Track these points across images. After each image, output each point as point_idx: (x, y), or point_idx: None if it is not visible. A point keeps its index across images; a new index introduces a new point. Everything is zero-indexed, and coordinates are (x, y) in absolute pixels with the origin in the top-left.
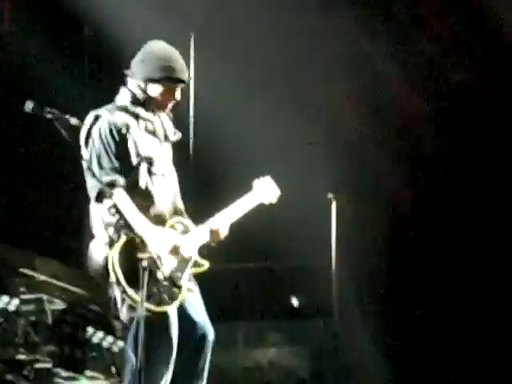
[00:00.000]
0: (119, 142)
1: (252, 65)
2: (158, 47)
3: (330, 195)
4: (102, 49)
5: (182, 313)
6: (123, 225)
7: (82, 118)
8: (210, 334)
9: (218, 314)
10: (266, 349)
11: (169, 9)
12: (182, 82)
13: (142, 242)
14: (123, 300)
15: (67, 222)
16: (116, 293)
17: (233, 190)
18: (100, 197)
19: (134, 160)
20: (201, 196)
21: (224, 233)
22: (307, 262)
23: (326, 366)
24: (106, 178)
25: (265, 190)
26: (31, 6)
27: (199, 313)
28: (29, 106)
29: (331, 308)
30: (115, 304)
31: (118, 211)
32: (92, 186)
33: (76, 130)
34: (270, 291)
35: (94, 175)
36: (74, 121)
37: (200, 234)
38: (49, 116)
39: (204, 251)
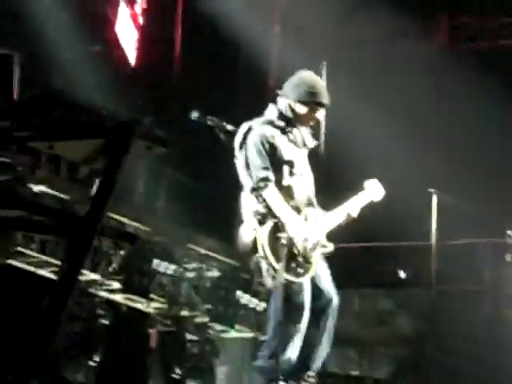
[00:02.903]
0: (268, 149)
1: (372, 89)
2: (309, 76)
3: (431, 190)
4: (252, 73)
5: (314, 283)
6: (269, 213)
7: (235, 125)
8: (335, 300)
9: (340, 284)
10: (377, 310)
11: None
12: (324, 106)
13: (284, 226)
14: (268, 271)
15: (223, 207)
16: (262, 265)
17: (351, 190)
18: (255, 189)
19: (279, 162)
20: (327, 192)
21: (355, 215)
22: (413, 242)
23: (424, 325)
24: (261, 174)
25: (374, 190)
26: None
27: (327, 283)
28: (195, 115)
29: (429, 280)
30: (260, 274)
31: (265, 202)
32: (248, 181)
33: (231, 135)
34: (381, 265)
35: (250, 173)
36: (229, 127)
37: (330, 221)
38: (209, 123)
39: (333, 233)
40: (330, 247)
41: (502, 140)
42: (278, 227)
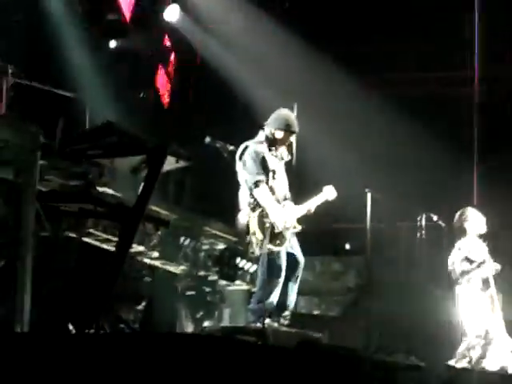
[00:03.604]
0: (260, 159)
1: (331, 123)
2: (285, 112)
3: (367, 189)
4: (247, 110)
5: (288, 250)
6: (257, 204)
7: (235, 146)
8: (302, 261)
9: (308, 253)
10: (331, 271)
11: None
12: (295, 133)
13: (268, 213)
14: (257, 244)
15: (227, 202)
16: (253, 239)
17: (314, 190)
18: (253, 187)
19: (267, 170)
20: (297, 191)
21: (312, 210)
22: (355, 225)
23: (362, 280)
24: (256, 178)
25: (329, 192)
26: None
27: (297, 249)
28: (207, 139)
29: (365, 250)
30: (252, 245)
31: (254, 197)
32: (249, 182)
33: (232, 153)
34: (334, 240)
35: (247, 176)
36: (231, 148)
37: (299, 211)
38: (218, 145)
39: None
40: (299, 227)
41: (416, 153)
42: (263, 213)
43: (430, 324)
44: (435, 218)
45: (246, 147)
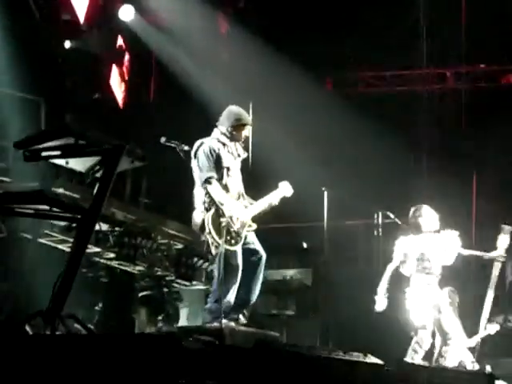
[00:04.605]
0: (214, 156)
1: (284, 120)
2: (234, 108)
3: (323, 188)
4: (201, 110)
5: (249, 246)
6: (212, 202)
7: (190, 145)
8: (264, 257)
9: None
10: (290, 269)
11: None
12: (248, 125)
13: (223, 211)
14: (212, 243)
15: (184, 201)
16: (209, 238)
17: (270, 186)
18: (204, 184)
19: (221, 167)
20: (253, 189)
21: (268, 208)
22: (313, 223)
23: (319, 279)
24: (208, 174)
25: (285, 189)
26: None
27: (257, 245)
28: (163, 139)
29: (323, 249)
30: (208, 245)
31: (209, 195)
32: (200, 178)
33: (187, 153)
34: (291, 239)
35: (201, 172)
36: (186, 147)
37: (254, 208)
38: (173, 145)
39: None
40: (254, 226)
41: (372, 151)
42: (218, 212)
43: (388, 321)
44: (392, 215)
45: (201, 143)
